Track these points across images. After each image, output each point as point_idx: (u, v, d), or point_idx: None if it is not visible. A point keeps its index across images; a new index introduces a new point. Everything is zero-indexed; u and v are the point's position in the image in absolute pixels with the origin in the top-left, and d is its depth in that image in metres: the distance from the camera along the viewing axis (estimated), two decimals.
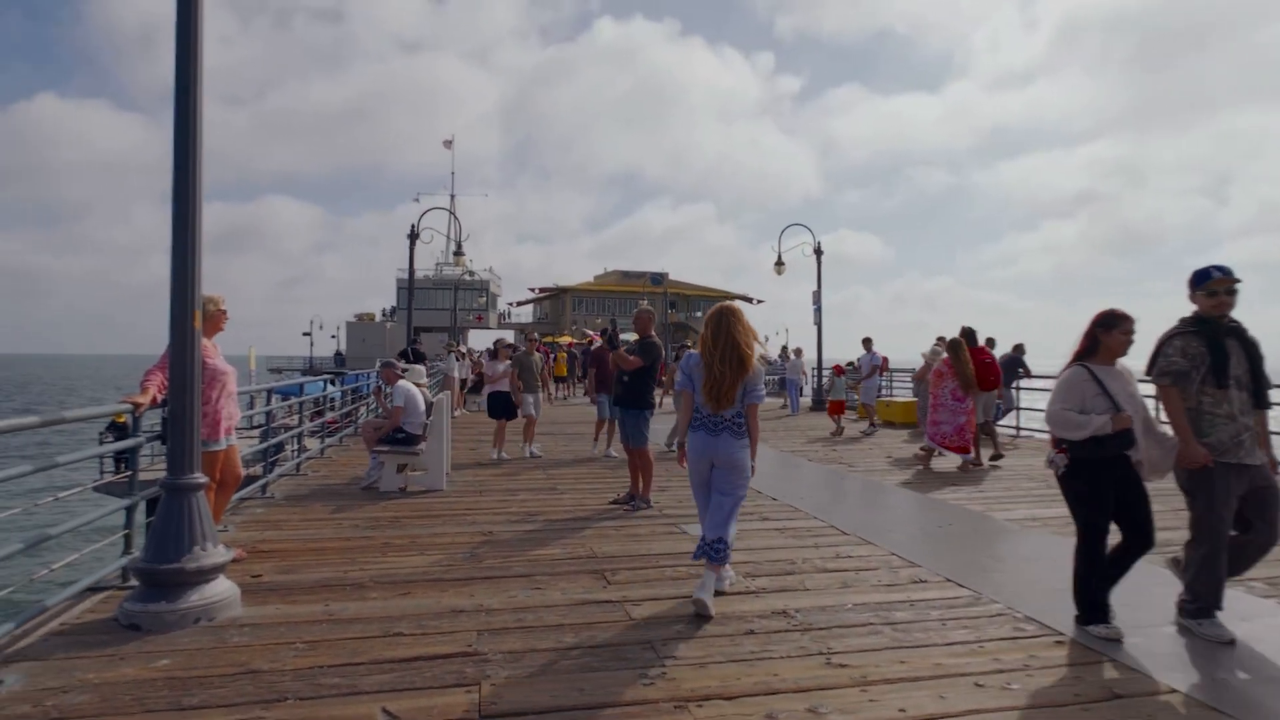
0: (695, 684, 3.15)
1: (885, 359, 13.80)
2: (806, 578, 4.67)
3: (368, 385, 14.80)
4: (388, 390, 8.07)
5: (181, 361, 3.95)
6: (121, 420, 4.34)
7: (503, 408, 10.43)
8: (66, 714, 2.83)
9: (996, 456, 9.78)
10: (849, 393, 14.14)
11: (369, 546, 5.37)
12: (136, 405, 4.40)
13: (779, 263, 23.56)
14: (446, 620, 3.87)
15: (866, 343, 14.44)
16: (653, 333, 7.29)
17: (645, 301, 8.70)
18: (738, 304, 4.31)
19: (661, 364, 7.45)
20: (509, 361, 10.78)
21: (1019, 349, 13.06)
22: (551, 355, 22.98)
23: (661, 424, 8.25)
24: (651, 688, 3.11)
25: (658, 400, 8.79)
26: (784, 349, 27.72)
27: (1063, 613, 3.89)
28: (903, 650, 3.52)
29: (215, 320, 4.89)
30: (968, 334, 9.87)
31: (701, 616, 3.90)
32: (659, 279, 61.18)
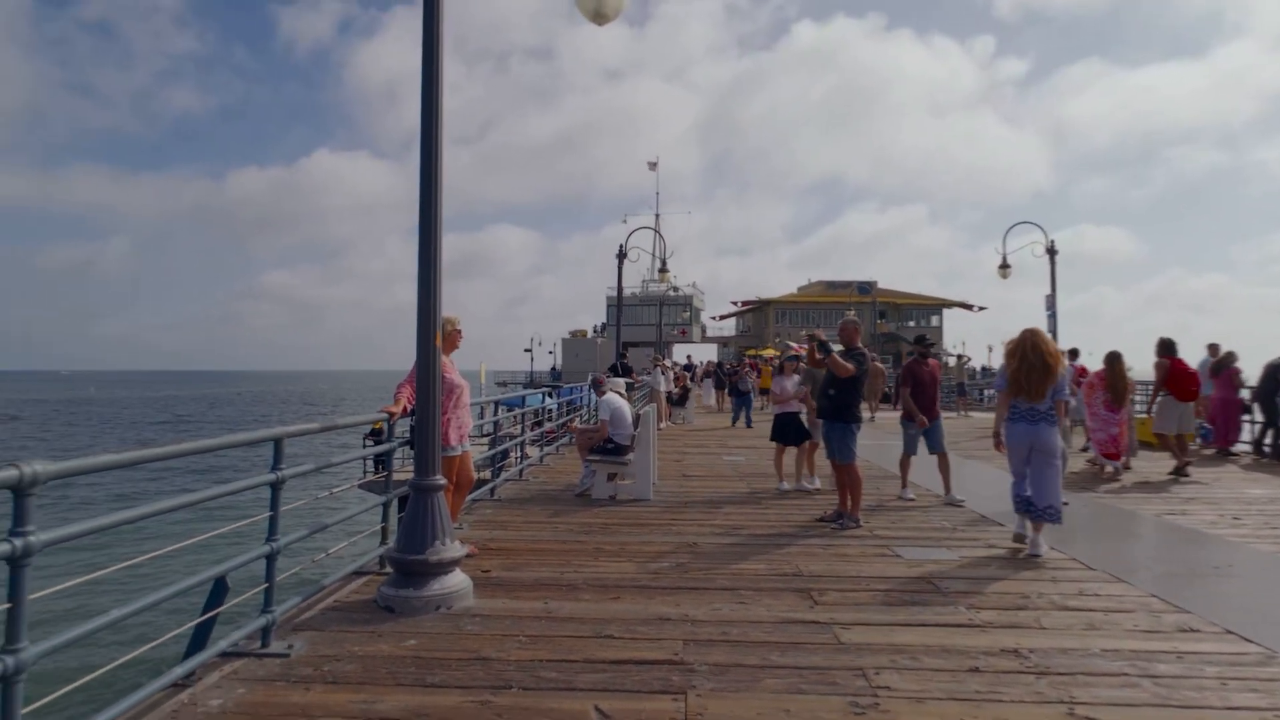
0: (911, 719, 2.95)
1: (1085, 369, 12.21)
2: (1043, 615, 4.18)
3: (580, 398, 15.72)
4: (596, 404, 8.49)
5: (425, 376, 4.46)
6: (379, 427, 5.08)
7: (790, 431, 8.61)
8: (338, 679, 3.29)
9: (1180, 470, 9.46)
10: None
11: (582, 550, 5.67)
12: (391, 414, 5.03)
13: (1004, 265, 21.60)
14: (653, 627, 3.97)
15: (1071, 354, 12.90)
16: (859, 344, 7.00)
17: (851, 311, 8.41)
18: (1039, 327, 5.67)
19: (867, 376, 7.10)
20: (798, 377, 8.95)
21: None
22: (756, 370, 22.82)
23: (867, 438, 7.81)
24: (863, 718, 2.96)
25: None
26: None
27: None
28: (1168, 709, 3.02)
29: (452, 339, 5.45)
30: (1166, 345, 9.86)
31: (1034, 557, 5.34)
32: (866, 288, 58.60)
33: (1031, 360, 5.47)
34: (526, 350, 65.27)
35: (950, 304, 64.29)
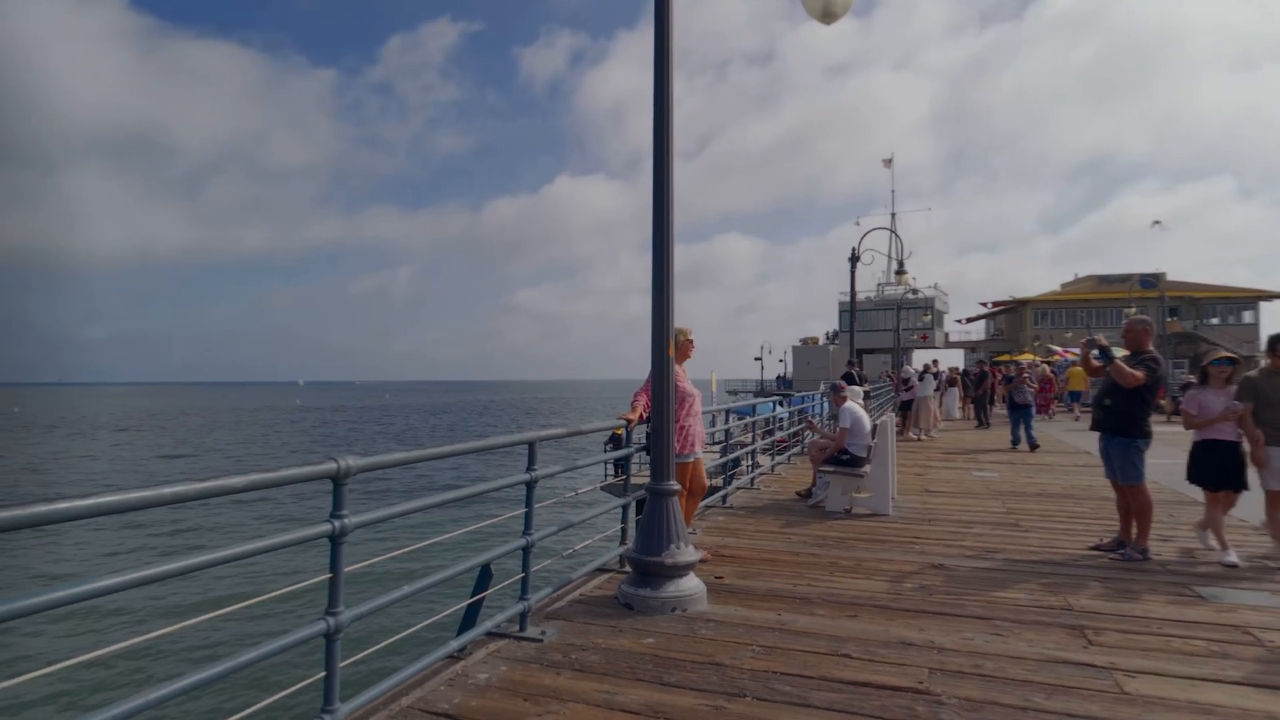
0: None
1: None
2: None
3: (811, 407, 15.34)
4: (833, 412, 8.23)
5: (659, 385, 4.64)
6: (618, 433, 5.43)
7: (1218, 470, 5.84)
8: (584, 667, 3.52)
9: None
10: None
11: (816, 563, 5.52)
12: (629, 421, 5.30)
13: None
14: (895, 651, 3.74)
15: None
16: (1150, 347, 6.01)
17: (1135, 309, 7.25)
18: None
19: (1161, 385, 6.05)
20: (1232, 388, 5.96)
21: None
22: (1000, 375, 20.56)
23: (1157, 457, 6.61)
24: None
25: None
26: None
27: None
28: None
29: (685, 349, 5.61)
30: None
31: None
32: (1151, 281, 50.29)
33: None
34: (756, 359, 65.22)
35: (1271, 295, 52.98)
